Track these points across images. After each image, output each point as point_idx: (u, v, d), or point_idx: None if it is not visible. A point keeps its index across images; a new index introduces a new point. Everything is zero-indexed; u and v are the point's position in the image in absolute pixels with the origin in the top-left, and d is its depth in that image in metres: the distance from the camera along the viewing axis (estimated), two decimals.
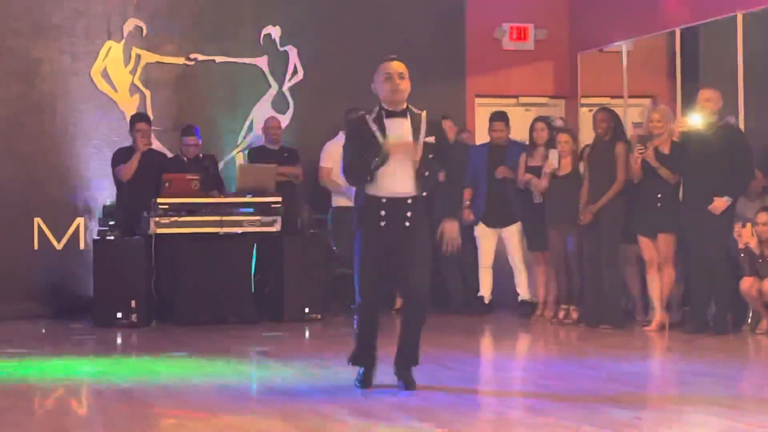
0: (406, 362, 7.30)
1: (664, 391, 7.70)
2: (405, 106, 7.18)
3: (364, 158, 7.04)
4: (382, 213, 7.05)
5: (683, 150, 10.24)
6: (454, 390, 7.23)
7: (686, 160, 10.22)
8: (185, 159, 11.73)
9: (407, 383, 7.22)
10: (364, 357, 7.34)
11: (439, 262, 8.32)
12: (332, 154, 12.12)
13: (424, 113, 7.18)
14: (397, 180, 7.05)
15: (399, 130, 7.09)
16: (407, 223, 7.07)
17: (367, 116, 7.19)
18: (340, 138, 12.20)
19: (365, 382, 7.29)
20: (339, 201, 12.05)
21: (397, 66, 7.14)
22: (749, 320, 10.17)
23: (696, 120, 10.27)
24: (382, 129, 7.09)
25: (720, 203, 9.96)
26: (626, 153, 10.62)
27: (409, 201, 7.07)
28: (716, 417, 6.42)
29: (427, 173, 7.09)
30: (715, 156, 9.99)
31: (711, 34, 11.94)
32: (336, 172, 12.13)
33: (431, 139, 7.10)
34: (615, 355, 9.08)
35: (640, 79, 12.80)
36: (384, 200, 7.06)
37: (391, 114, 7.12)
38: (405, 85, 7.14)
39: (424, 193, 7.15)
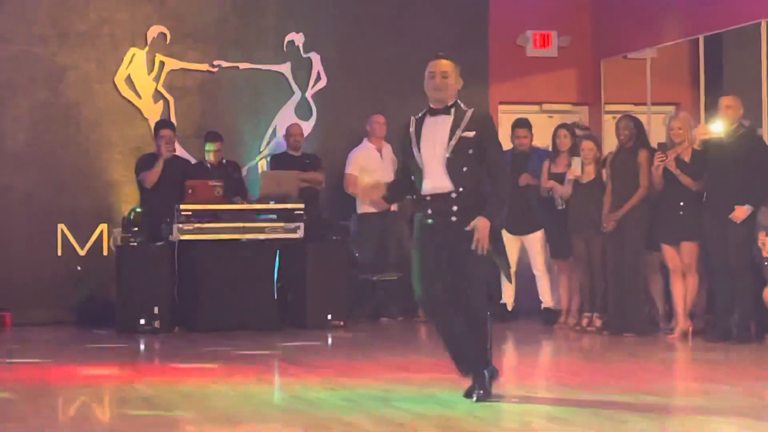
0: (474, 365, 7.10)
1: (687, 400, 7.66)
2: (452, 102, 7.13)
3: (396, 181, 7.29)
4: (429, 211, 7.04)
5: (704, 157, 10.22)
6: (476, 398, 7.19)
7: (707, 168, 10.19)
8: (209, 165, 11.77)
9: (481, 395, 7.03)
10: (461, 357, 7.10)
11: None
12: (358, 161, 12.14)
13: (471, 110, 7.12)
14: (435, 176, 7.03)
15: (435, 128, 7.06)
16: (453, 218, 6.98)
17: (412, 119, 7.19)
18: (365, 145, 12.29)
19: (483, 386, 7.02)
20: (364, 207, 12.05)
21: (441, 64, 7.12)
22: None
23: (717, 127, 10.24)
24: (418, 133, 7.08)
25: (741, 211, 9.93)
26: (649, 160, 10.59)
27: (453, 195, 7.01)
28: (739, 427, 6.39)
29: (465, 168, 7.03)
30: (735, 163, 9.97)
31: (735, 41, 11.90)
32: (363, 179, 12.14)
33: (470, 134, 7.04)
34: (638, 364, 9.06)
35: (664, 86, 12.76)
36: (428, 197, 7.05)
37: (435, 112, 7.11)
38: (446, 84, 7.09)
39: (462, 189, 6.99)
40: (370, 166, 12.10)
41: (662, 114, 12.39)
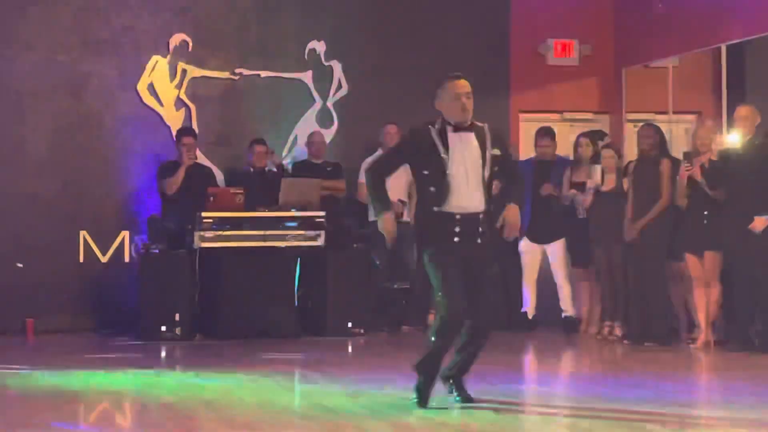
0: (460, 374, 7.26)
1: (709, 410, 7.64)
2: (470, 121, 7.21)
3: (429, 189, 7.09)
4: (457, 229, 7.05)
5: (722, 167, 10.19)
6: (497, 407, 7.19)
7: (727, 178, 10.16)
8: (251, 169, 11.81)
9: (466, 398, 7.18)
10: (431, 366, 7.20)
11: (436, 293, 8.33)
12: None
13: (486, 126, 7.23)
14: (471, 195, 7.06)
15: (463, 144, 7.10)
16: (479, 240, 7.09)
17: (431, 127, 7.19)
18: (379, 154, 12.27)
19: (423, 394, 7.17)
20: None
21: (465, 86, 7.19)
22: None
23: (734, 137, 10.22)
24: (445, 143, 7.10)
25: (760, 222, 9.90)
26: (671, 170, 10.56)
27: (481, 217, 7.09)
28: None
29: (493, 186, 7.14)
30: (753, 173, 9.95)
31: (757, 50, 11.87)
32: None
33: (496, 152, 7.14)
34: (660, 373, 9.03)
35: (686, 95, 12.74)
36: (458, 216, 7.06)
37: (458, 129, 7.14)
38: (471, 105, 7.18)
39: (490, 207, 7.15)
40: None
41: (684, 123, 12.37)
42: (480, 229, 7.09)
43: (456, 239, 7.05)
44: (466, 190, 7.07)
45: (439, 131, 7.15)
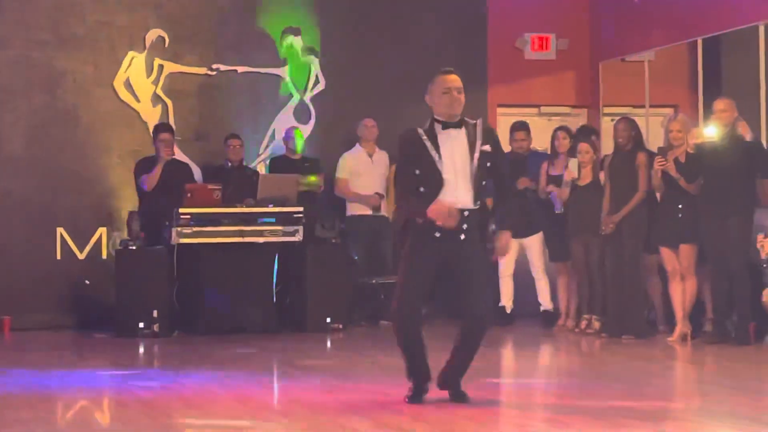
0: (456, 375, 7.19)
1: (685, 403, 7.67)
2: (459, 117, 7.14)
3: (418, 189, 7.00)
4: (438, 223, 6.97)
5: (698, 160, 10.24)
6: (475, 401, 7.21)
7: (703, 171, 10.21)
8: (229, 164, 11.81)
9: (460, 397, 7.13)
10: (416, 370, 7.15)
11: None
12: (348, 165, 12.17)
13: (479, 122, 7.17)
14: (458, 193, 7.00)
15: (452, 142, 7.04)
16: (462, 236, 7.02)
17: (419, 130, 7.12)
18: (356, 149, 12.30)
19: (415, 396, 7.11)
20: (353, 210, 12.12)
21: (455, 80, 7.13)
22: None
23: (711, 131, 10.27)
24: (435, 144, 7.04)
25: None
26: (647, 163, 10.60)
27: (466, 213, 7.02)
28: (738, 429, 6.40)
29: (483, 183, 7.08)
30: (729, 167, 10.00)
31: (733, 44, 11.92)
32: (353, 183, 12.16)
33: (487, 148, 7.07)
34: (637, 366, 9.06)
35: (662, 88, 12.78)
36: None
37: (447, 125, 7.09)
38: (461, 99, 7.11)
39: (477, 204, 7.08)
40: (359, 170, 12.14)
41: (660, 117, 12.41)
42: (465, 226, 7.01)
43: (437, 234, 6.99)
44: (454, 188, 7.00)
45: (428, 132, 7.09)
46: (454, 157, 7.04)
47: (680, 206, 10.34)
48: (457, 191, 7.02)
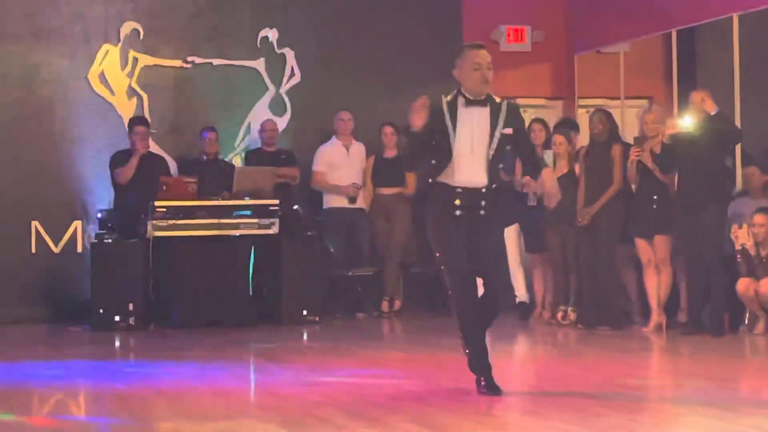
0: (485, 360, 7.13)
1: (660, 393, 7.71)
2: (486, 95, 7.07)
3: (431, 162, 6.99)
4: (458, 202, 6.99)
5: (673, 151, 10.28)
6: (451, 392, 7.22)
7: (677, 162, 10.25)
8: (204, 157, 11.78)
9: (493, 388, 7.07)
10: (479, 361, 7.07)
11: (436, 264, 8.31)
12: (325, 158, 12.17)
13: (505, 102, 7.11)
14: (473, 171, 6.99)
15: (473, 120, 6.99)
16: (482, 212, 7.02)
17: (444, 101, 7.04)
18: (332, 142, 12.30)
19: (492, 387, 7.01)
20: (330, 202, 12.11)
21: (485, 56, 7.03)
22: (746, 321, 10.18)
23: (688, 121, 10.30)
24: (454, 117, 6.99)
25: None
26: (622, 154, 10.64)
27: (483, 190, 7.02)
28: (713, 419, 6.43)
29: (501, 165, 7.07)
30: (704, 157, 10.03)
31: (707, 35, 11.96)
32: (330, 176, 12.15)
33: (509, 131, 7.03)
34: (612, 357, 9.10)
35: (637, 80, 12.82)
36: (459, 190, 6.99)
37: (470, 102, 7.02)
38: (491, 76, 7.04)
39: (494, 185, 7.07)
40: (336, 162, 12.13)
41: (636, 108, 12.44)
42: (483, 202, 7.01)
43: (457, 212, 6.99)
44: (469, 166, 6.97)
45: (449, 104, 7.03)
46: (472, 137, 6.99)
47: (655, 197, 10.39)
48: (471, 170, 6.99)
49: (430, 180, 7.06)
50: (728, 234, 10.16)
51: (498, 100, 7.11)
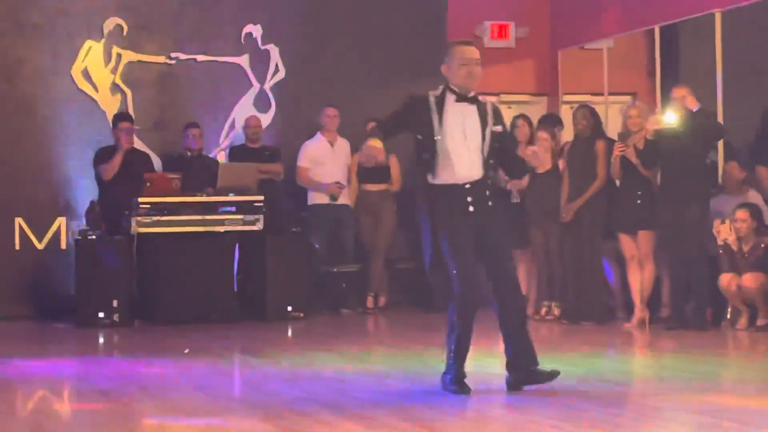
0: (529, 362, 7.17)
1: (643, 387, 7.73)
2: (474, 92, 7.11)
3: (421, 157, 7.03)
4: (469, 199, 6.99)
5: (656, 147, 10.30)
6: (434, 388, 7.23)
7: (661, 157, 10.28)
8: (189, 153, 11.77)
9: (545, 375, 7.10)
10: (459, 348, 7.07)
11: (420, 260, 8.35)
12: (309, 154, 12.17)
13: (489, 102, 7.15)
14: (472, 165, 7.00)
15: (464, 116, 7.02)
16: (490, 203, 7.05)
17: (431, 97, 7.07)
18: (317, 138, 12.30)
19: (461, 386, 7.01)
20: (315, 198, 12.12)
21: (473, 52, 7.08)
22: (728, 316, 10.22)
23: (670, 117, 10.33)
24: (441, 110, 7.01)
25: None
26: (606, 150, 10.67)
27: (489, 182, 7.06)
28: (695, 414, 6.45)
29: (492, 161, 7.07)
30: (687, 153, 10.07)
31: (690, 31, 11.99)
32: (315, 172, 12.15)
33: (498, 129, 7.08)
34: (596, 352, 9.12)
35: (621, 76, 12.85)
36: (467, 186, 7.00)
37: (460, 98, 7.05)
38: (480, 72, 7.09)
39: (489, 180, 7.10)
40: (321, 158, 12.14)
41: (619, 104, 12.47)
42: (488, 192, 7.04)
43: (471, 209, 6.99)
44: (469, 161, 6.99)
45: (437, 98, 7.05)
46: (465, 132, 7.01)
47: (639, 193, 10.42)
48: (470, 163, 7.00)
49: (429, 181, 7.03)
50: (711, 229, 10.19)
51: (483, 100, 7.15)
